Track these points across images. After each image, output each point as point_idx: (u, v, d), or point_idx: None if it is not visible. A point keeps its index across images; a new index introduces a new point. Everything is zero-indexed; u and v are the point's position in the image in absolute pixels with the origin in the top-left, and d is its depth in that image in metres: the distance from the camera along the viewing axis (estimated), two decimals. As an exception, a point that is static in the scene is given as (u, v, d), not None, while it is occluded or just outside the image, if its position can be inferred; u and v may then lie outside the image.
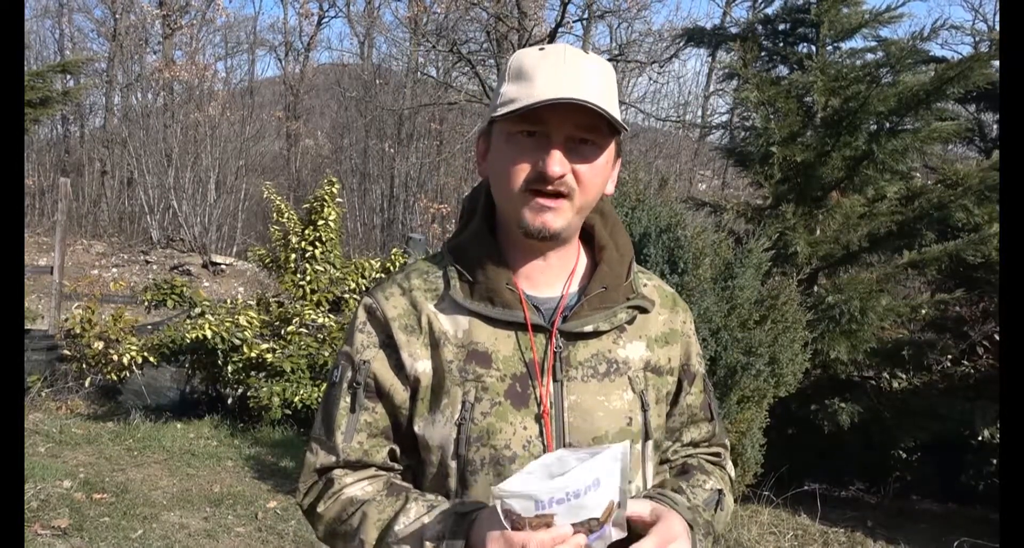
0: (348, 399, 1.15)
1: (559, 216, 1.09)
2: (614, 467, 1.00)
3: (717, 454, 1.29)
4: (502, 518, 0.95)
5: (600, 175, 1.11)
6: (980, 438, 5.04)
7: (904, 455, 5.52)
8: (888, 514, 5.26)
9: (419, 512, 1.07)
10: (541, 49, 1.10)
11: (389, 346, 1.15)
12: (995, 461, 5.15)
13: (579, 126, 1.06)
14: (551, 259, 1.16)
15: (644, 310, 1.18)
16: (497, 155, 1.12)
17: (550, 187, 1.07)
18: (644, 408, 1.15)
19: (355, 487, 1.13)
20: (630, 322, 1.17)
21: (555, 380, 1.11)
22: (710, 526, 1.16)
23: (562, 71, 1.06)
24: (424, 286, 1.17)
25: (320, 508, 1.14)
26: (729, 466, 1.31)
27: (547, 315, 1.14)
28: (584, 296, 1.15)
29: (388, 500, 1.10)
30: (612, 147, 1.12)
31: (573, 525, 0.97)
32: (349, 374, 1.16)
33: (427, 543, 1.03)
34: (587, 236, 1.21)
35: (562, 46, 1.10)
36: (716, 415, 1.29)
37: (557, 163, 1.05)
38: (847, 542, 4.62)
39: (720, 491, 1.21)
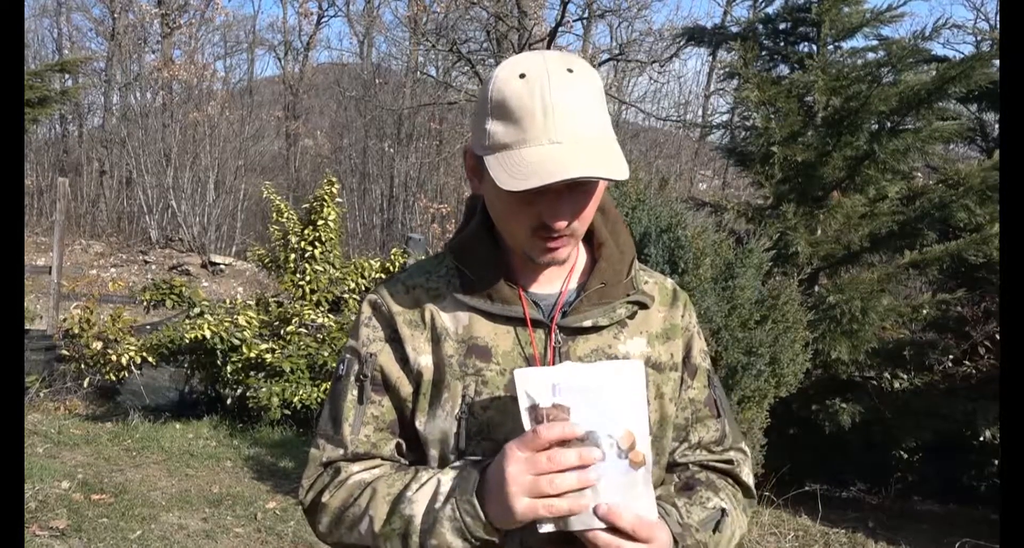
0: (355, 392, 1.15)
1: (566, 249, 1.11)
2: (637, 382, 0.99)
3: (730, 461, 1.22)
4: (525, 418, 0.97)
5: (596, 202, 1.11)
6: (982, 438, 5.02)
7: (905, 455, 5.51)
8: (889, 515, 5.25)
9: (432, 473, 1.07)
10: (522, 76, 1.02)
11: (394, 340, 1.15)
12: (996, 461, 5.14)
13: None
14: None
15: (644, 305, 1.18)
16: (495, 196, 1.09)
17: (555, 235, 1.07)
18: None
19: (364, 473, 1.12)
20: (631, 317, 1.17)
21: None
22: None
23: (551, 115, 1.00)
24: (426, 284, 1.18)
25: (325, 498, 1.12)
26: (746, 473, 1.23)
27: (547, 311, 1.15)
28: (583, 292, 1.15)
29: (398, 475, 1.09)
30: None
31: (589, 433, 0.96)
32: (356, 367, 1.16)
33: (440, 496, 1.02)
34: (587, 233, 1.21)
35: (543, 68, 1.02)
36: (724, 412, 1.24)
37: (561, 217, 1.05)
38: (848, 543, 4.61)
39: (723, 510, 1.15)
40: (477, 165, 1.11)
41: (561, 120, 1.00)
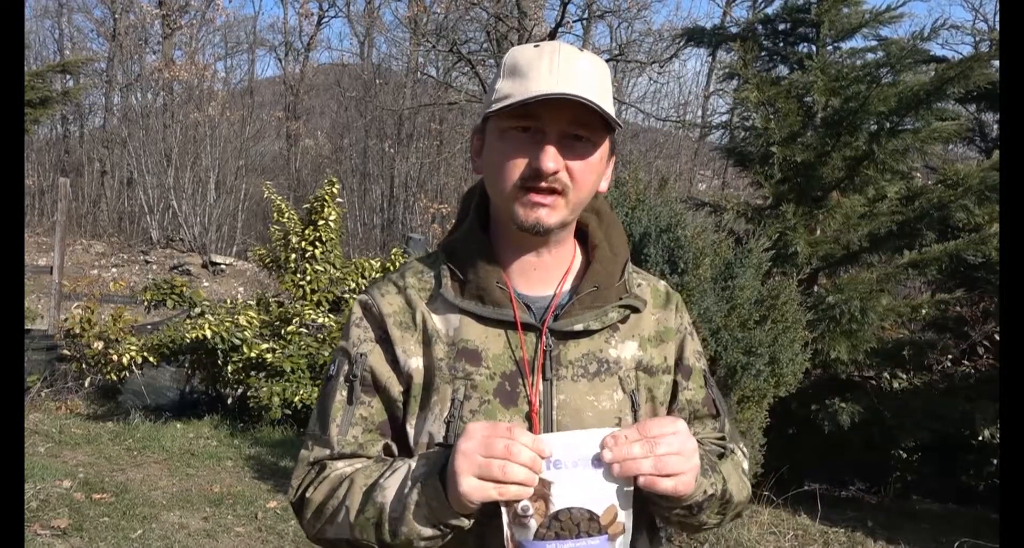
0: (344, 392, 1.14)
1: (554, 213, 1.09)
2: None
3: (730, 450, 1.22)
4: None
5: (594, 172, 1.11)
6: (980, 438, 5.03)
7: (904, 455, 5.52)
8: (888, 514, 5.25)
9: (405, 462, 1.06)
10: (536, 46, 1.10)
11: (385, 341, 1.15)
12: (995, 461, 5.15)
13: (573, 122, 1.06)
14: (545, 257, 1.16)
15: (636, 309, 1.18)
16: (491, 151, 1.12)
17: (544, 183, 1.07)
18: (634, 408, 1.14)
19: (346, 468, 1.12)
20: (623, 321, 1.16)
21: (545, 379, 1.11)
22: (713, 463, 1.12)
23: (556, 68, 1.06)
24: (418, 285, 1.17)
25: (309, 492, 1.12)
26: (739, 454, 1.23)
27: (539, 314, 1.14)
28: (576, 295, 1.14)
29: (376, 466, 1.09)
30: (606, 144, 1.12)
31: (570, 509, 0.96)
32: (346, 368, 1.15)
33: (409, 482, 1.02)
34: (583, 236, 1.21)
35: (557, 43, 1.10)
36: (723, 411, 1.24)
37: (551, 159, 1.05)
38: (847, 542, 4.62)
39: (724, 448, 1.19)
40: (482, 145, 1.15)
41: (565, 76, 1.06)
